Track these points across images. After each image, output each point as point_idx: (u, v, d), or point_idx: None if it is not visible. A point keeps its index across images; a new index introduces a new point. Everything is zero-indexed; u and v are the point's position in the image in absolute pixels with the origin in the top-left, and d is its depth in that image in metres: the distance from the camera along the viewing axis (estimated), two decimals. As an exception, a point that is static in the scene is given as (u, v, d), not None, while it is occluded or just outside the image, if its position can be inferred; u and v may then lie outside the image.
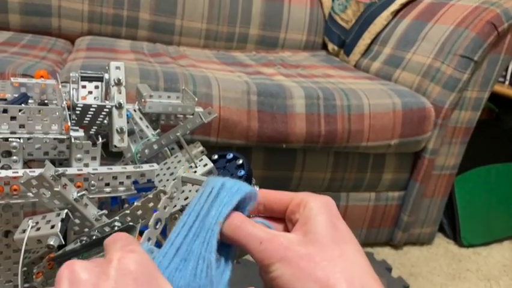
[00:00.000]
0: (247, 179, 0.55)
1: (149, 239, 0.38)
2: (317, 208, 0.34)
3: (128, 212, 0.45)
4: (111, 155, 0.61)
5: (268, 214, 0.38)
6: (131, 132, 0.63)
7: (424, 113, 1.16)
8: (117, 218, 0.45)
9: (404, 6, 1.47)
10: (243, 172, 0.55)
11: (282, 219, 0.37)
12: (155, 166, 0.51)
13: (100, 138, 0.49)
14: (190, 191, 0.53)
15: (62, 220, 0.44)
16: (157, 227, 0.39)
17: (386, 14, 1.48)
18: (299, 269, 0.30)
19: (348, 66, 1.52)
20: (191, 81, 1.01)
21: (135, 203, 0.45)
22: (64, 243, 0.44)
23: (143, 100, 0.69)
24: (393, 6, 1.48)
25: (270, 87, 1.06)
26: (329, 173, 1.17)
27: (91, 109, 0.51)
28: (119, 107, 0.53)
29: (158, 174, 0.56)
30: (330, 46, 1.68)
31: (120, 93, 0.53)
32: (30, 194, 0.44)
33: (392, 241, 1.36)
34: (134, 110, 0.67)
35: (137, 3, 1.49)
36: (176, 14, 1.53)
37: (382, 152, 1.19)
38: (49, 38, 1.39)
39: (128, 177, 0.49)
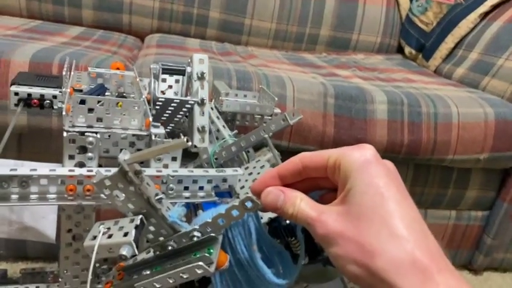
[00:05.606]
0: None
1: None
2: (354, 171, 0.32)
3: (210, 221, 0.39)
4: (184, 156, 0.56)
5: (309, 176, 0.36)
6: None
7: (519, 125, 1.03)
8: (196, 227, 0.39)
9: (494, 8, 1.34)
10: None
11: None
12: (239, 171, 0.45)
13: (182, 136, 0.44)
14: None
15: (136, 227, 0.39)
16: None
17: (473, 17, 1.35)
18: (346, 251, 0.30)
19: (427, 71, 1.41)
20: (264, 80, 0.95)
21: (218, 211, 0.39)
22: (137, 253, 0.39)
23: (220, 98, 0.64)
24: (482, 8, 1.35)
25: (348, 90, 0.98)
26: (407, 186, 1.07)
27: (172, 104, 0.46)
28: (202, 103, 0.47)
29: (239, 180, 0.50)
30: (407, 49, 1.57)
31: (203, 88, 0.48)
32: (103, 196, 0.39)
33: (472, 265, 1.23)
34: (212, 108, 0.62)
35: (208, 2, 1.45)
36: (246, 13, 1.49)
37: (468, 167, 1.07)
38: (119, 34, 1.38)
39: (209, 181, 0.44)
